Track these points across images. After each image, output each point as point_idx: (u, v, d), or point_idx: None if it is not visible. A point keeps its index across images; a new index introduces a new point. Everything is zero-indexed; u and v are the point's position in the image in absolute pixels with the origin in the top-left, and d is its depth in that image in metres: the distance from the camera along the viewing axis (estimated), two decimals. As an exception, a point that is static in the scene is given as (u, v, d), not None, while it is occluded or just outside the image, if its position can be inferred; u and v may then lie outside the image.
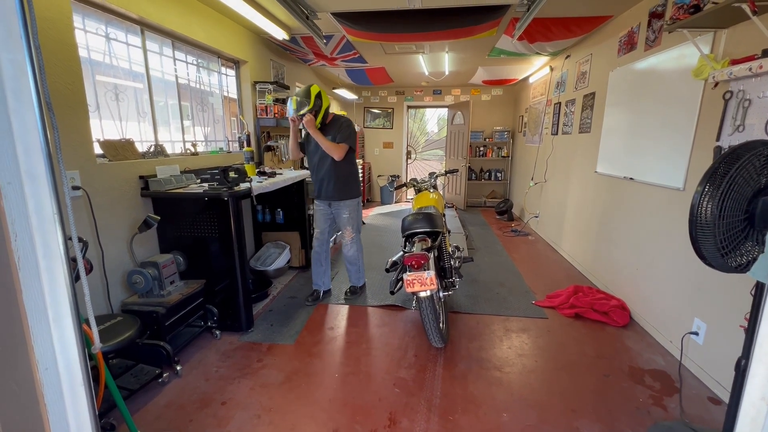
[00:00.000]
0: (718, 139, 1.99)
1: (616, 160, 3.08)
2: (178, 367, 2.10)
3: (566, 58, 4.38)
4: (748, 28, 1.83)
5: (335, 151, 2.72)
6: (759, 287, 1.20)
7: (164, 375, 2.01)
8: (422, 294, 2.12)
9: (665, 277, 2.41)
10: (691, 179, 2.19)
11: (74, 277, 0.81)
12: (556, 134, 4.60)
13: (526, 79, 6.15)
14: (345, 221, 2.92)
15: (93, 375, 1.28)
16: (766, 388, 0.61)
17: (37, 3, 1.74)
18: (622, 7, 2.98)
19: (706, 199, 1.19)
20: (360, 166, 6.91)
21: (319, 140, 2.70)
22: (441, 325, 2.32)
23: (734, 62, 1.84)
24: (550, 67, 4.92)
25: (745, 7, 1.63)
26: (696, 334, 2.10)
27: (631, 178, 2.82)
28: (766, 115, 1.69)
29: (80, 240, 1.55)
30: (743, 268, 1.21)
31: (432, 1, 2.78)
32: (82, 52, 2.08)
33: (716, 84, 2.00)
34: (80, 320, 0.80)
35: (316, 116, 2.67)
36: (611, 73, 3.19)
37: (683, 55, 2.28)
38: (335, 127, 2.78)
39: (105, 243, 2.12)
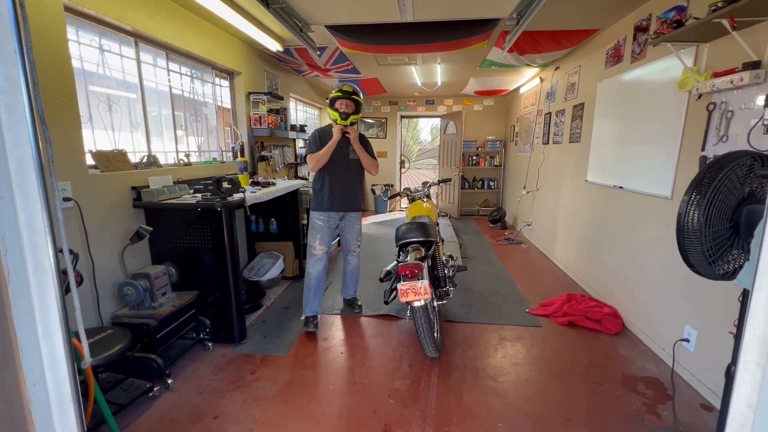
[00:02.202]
0: (703, 149, 2.04)
1: (606, 169, 3.13)
2: (170, 381, 2.06)
3: (555, 69, 4.47)
4: (729, 43, 1.89)
5: (375, 167, 2.77)
6: (745, 294, 1.23)
7: (155, 389, 1.98)
8: (416, 303, 2.11)
9: (656, 284, 2.44)
10: (678, 188, 2.24)
11: (64, 290, 0.80)
12: (547, 144, 4.67)
13: (517, 89, 6.26)
14: (357, 232, 2.87)
15: (82, 390, 1.26)
16: (752, 396, 0.62)
17: (31, 16, 1.75)
18: (609, 21, 3.07)
19: (693, 207, 1.22)
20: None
21: (362, 154, 2.70)
22: (435, 334, 2.32)
23: (716, 75, 1.89)
24: (540, 78, 5.02)
25: (725, 22, 1.69)
26: (687, 341, 2.12)
27: (620, 187, 2.86)
28: (749, 125, 1.74)
29: (71, 252, 1.54)
30: (730, 275, 1.23)
31: (423, 14, 2.83)
32: (76, 63, 2.09)
33: (700, 96, 2.06)
34: (70, 334, 0.79)
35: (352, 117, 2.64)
36: (599, 84, 3.27)
37: (668, 68, 2.35)
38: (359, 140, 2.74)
39: (96, 254, 2.10)
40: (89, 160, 2.17)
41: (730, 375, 1.25)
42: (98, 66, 2.31)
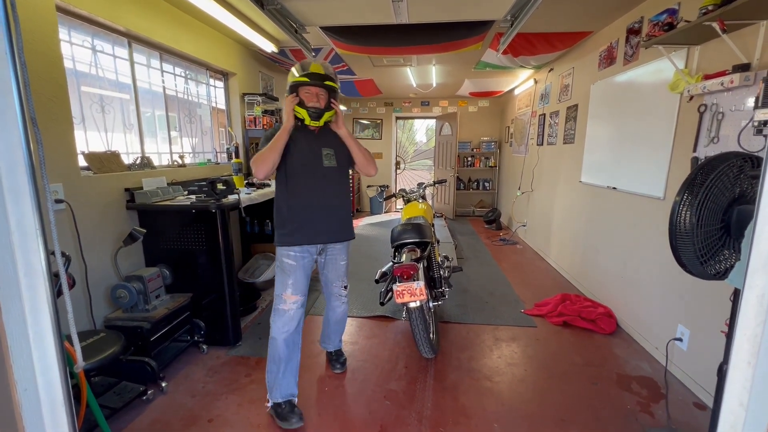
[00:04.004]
0: (694, 150, 2.06)
1: (600, 170, 3.15)
2: (164, 384, 2.04)
3: (549, 71, 4.50)
4: (719, 45, 1.92)
5: (373, 164, 1.95)
6: (737, 294, 1.24)
7: (149, 392, 1.96)
8: (412, 304, 2.12)
9: (649, 284, 2.46)
10: (670, 189, 2.26)
11: (56, 293, 0.79)
12: (542, 145, 4.70)
13: (511, 91, 6.29)
14: (342, 270, 2.04)
15: (74, 394, 1.24)
16: (744, 395, 0.63)
17: (22, 15, 1.73)
18: (601, 23, 3.10)
19: (685, 208, 1.23)
20: (349, 177, 6.93)
21: (354, 147, 1.88)
22: (431, 335, 2.32)
23: (707, 77, 1.92)
24: (535, 79, 5.05)
25: (715, 25, 1.71)
26: (680, 340, 2.15)
27: (614, 188, 2.89)
28: (739, 127, 1.77)
29: (63, 254, 1.52)
30: (721, 275, 1.25)
31: (418, 16, 2.84)
32: (68, 64, 2.07)
33: (691, 97, 2.08)
34: (62, 338, 0.78)
35: (327, 108, 1.79)
36: (592, 86, 3.29)
37: (660, 70, 2.37)
38: (336, 138, 1.90)
39: (88, 257, 2.08)
40: (82, 162, 2.15)
41: (722, 374, 1.26)
42: (91, 66, 2.29)
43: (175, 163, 3.03)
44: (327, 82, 1.76)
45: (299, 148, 1.83)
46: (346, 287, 2.10)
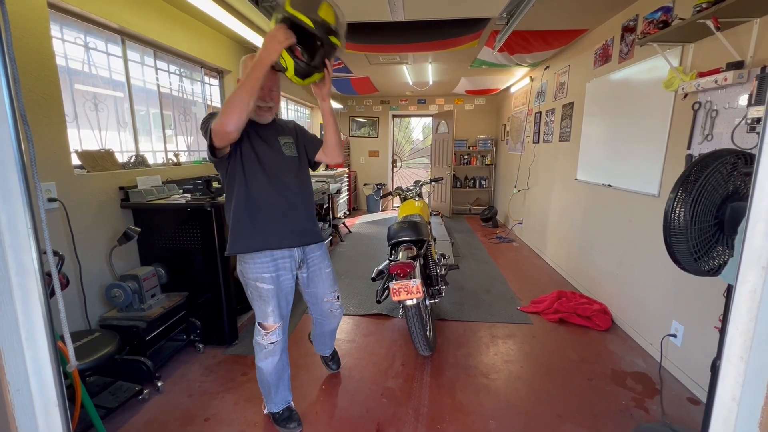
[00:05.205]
0: (689, 148, 2.08)
1: (595, 168, 3.17)
2: (160, 383, 2.03)
3: (545, 69, 4.51)
4: (713, 43, 1.93)
5: (342, 149, 1.73)
6: (730, 290, 1.25)
7: (145, 392, 1.95)
8: (409, 302, 2.12)
9: (644, 281, 2.47)
10: (665, 186, 2.27)
11: (49, 293, 0.78)
12: (538, 143, 4.71)
13: (507, 89, 6.30)
14: (332, 278, 1.83)
15: (69, 394, 1.23)
16: (736, 389, 0.63)
17: (13, 12, 1.71)
18: (597, 21, 3.11)
19: (679, 205, 1.24)
20: (346, 175, 6.91)
21: (332, 124, 1.63)
22: (428, 333, 2.32)
23: (701, 75, 1.93)
24: (531, 77, 5.06)
25: (709, 23, 1.72)
26: (674, 336, 2.16)
27: (609, 185, 2.90)
28: (732, 124, 1.78)
29: (56, 254, 1.51)
30: (715, 271, 1.26)
31: (414, 13, 2.83)
32: (60, 61, 2.04)
33: (685, 95, 2.10)
34: (55, 338, 0.78)
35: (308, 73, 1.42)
36: (588, 84, 3.30)
37: (654, 68, 2.38)
38: (287, 127, 1.71)
39: (82, 256, 2.06)
40: (75, 160, 2.13)
41: (715, 369, 1.27)
42: (84, 64, 2.27)
43: (170, 161, 3.01)
44: (331, 38, 1.38)
45: (255, 137, 1.55)
46: (338, 297, 1.88)
